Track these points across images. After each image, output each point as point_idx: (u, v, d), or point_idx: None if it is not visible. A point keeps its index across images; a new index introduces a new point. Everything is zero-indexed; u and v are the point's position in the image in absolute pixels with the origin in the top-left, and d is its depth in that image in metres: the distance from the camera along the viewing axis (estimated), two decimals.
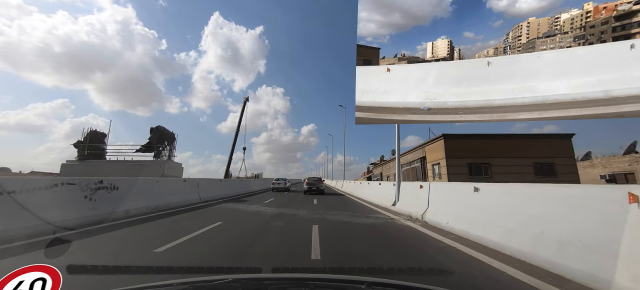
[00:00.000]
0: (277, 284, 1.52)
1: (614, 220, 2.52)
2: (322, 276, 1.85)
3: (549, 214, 3.20)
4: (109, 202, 6.28)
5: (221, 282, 1.48)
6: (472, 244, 4.12)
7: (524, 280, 2.75)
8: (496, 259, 3.38)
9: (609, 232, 2.53)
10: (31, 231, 4.38)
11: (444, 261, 3.44)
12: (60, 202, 5.21)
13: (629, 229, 2.37)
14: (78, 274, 2.73)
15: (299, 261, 3.35)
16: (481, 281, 2.85)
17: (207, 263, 3.26)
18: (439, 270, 3.17)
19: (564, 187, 3.23)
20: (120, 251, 3.94)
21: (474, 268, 3.19)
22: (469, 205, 4.77)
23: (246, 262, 3.30)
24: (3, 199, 4.33)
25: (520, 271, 2.96)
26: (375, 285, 1.32)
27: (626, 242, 2.37)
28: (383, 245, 4.25)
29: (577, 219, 2.87)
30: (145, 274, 2.95)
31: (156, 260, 3.30)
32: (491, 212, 4.18)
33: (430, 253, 3.79)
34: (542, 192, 3.45)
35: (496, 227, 3.94)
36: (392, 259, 3.54)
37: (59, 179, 5.55)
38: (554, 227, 3.09)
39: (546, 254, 3.02)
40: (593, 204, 2.76)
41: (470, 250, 3.83)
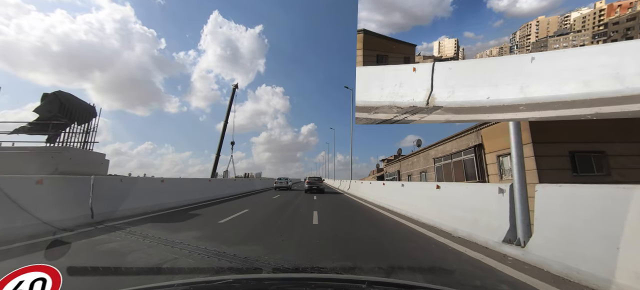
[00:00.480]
0: (277, 284, 1.53)
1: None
2: (322, 276, 1.85)
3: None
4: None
5: (221, 282, 1.49)
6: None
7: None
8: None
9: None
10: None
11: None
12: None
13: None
14: (78, 275, 2.77)
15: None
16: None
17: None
18: (440, 269, 3.15)
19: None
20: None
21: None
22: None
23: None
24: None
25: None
26: (376, 285, 1.31)
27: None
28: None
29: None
30: (146, 275, 2.98)
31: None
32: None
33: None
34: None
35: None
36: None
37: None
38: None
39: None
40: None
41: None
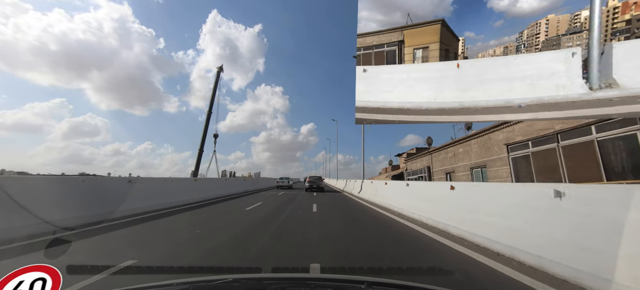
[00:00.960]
0: (277, 284, 1.53)
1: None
2: (322, 276, 1.85)
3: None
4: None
5: (221, 282, 1.50)
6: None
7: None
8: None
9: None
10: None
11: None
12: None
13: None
14: (77, 274, 2.82)
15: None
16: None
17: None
18: (439, 270, 3.13)
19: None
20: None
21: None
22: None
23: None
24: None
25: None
26: (376, 285, 1.31)
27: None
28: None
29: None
30: (146, 274, 3.00)
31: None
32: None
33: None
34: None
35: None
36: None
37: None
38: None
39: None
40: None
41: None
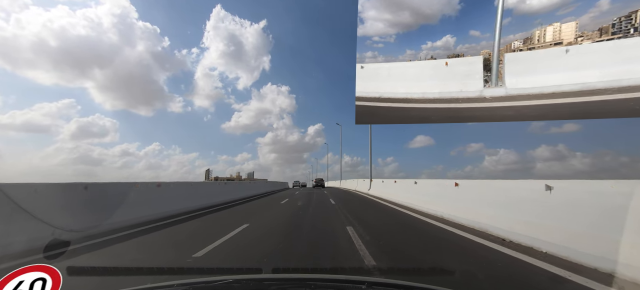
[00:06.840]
0: (276, 284, 1.53)
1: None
2: (322, 276, 1.85)
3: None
4: None
5: (221, 282, 1.48)
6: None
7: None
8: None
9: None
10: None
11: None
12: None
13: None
14: (78, 275, 2.76)
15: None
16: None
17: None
18: (440, 270, 3.14)
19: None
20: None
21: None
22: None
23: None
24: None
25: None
26: (376, 285, 1.32)
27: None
28: None
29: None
30: (146, 275, 2.97)
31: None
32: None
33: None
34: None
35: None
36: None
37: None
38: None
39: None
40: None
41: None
